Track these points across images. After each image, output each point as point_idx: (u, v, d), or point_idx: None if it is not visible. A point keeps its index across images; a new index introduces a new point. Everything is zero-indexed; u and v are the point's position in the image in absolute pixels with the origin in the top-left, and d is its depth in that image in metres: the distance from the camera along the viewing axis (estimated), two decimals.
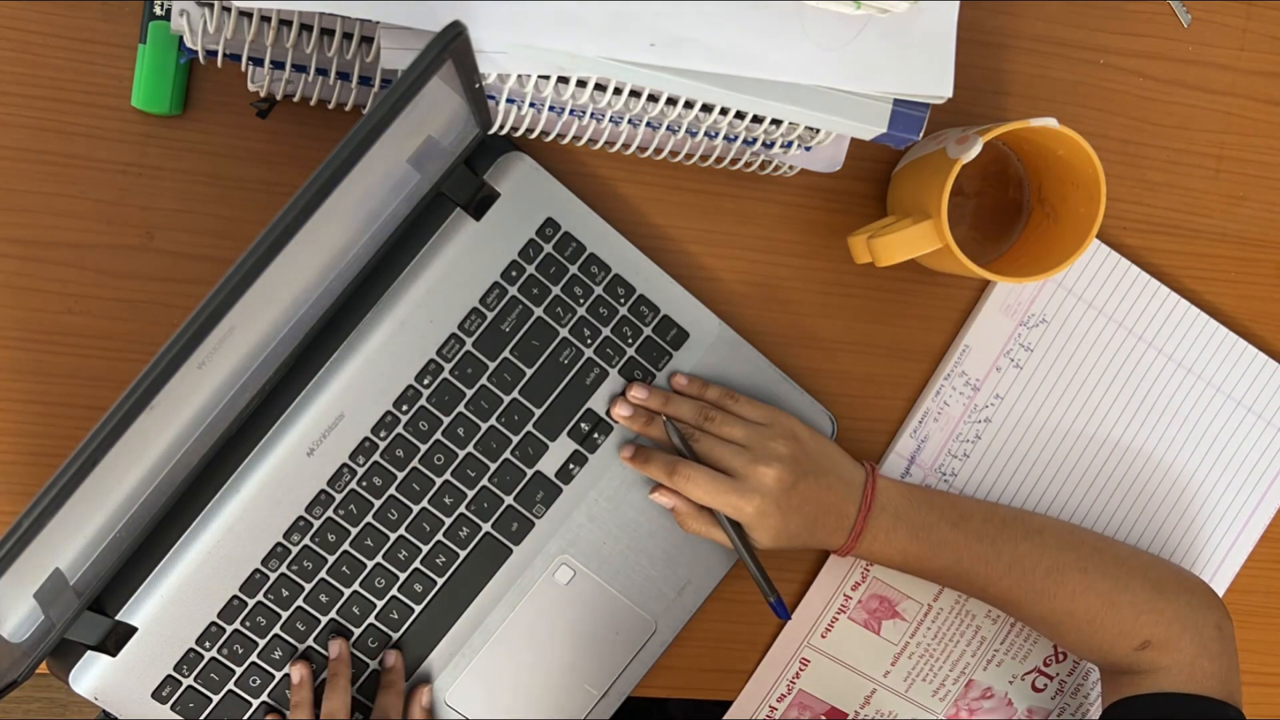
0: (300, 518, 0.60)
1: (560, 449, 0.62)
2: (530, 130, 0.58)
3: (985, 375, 0.68)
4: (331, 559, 0.60)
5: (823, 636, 0.69)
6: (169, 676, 0.59)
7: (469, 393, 0.61)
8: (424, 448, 0.61)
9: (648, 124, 0.58)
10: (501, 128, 0.57)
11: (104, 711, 0.59)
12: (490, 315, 0.61)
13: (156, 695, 0.59)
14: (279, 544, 0.60)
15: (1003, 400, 0.69)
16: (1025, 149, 0.64)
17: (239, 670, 0.60)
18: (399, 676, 0.61)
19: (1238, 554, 0.73)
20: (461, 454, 0.61)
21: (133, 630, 0.58)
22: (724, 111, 0.55)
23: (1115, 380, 0.70)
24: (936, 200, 0.58)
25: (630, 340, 0.62)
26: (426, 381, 0.60)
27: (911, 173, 0.64)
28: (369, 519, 0.61)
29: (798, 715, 0.69)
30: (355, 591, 0.61)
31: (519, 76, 0.52)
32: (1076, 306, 0.69)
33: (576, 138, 0.59)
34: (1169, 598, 0.62)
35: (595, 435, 0.62)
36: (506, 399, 0.61)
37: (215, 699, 0.60)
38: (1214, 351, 0.71)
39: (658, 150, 0.61)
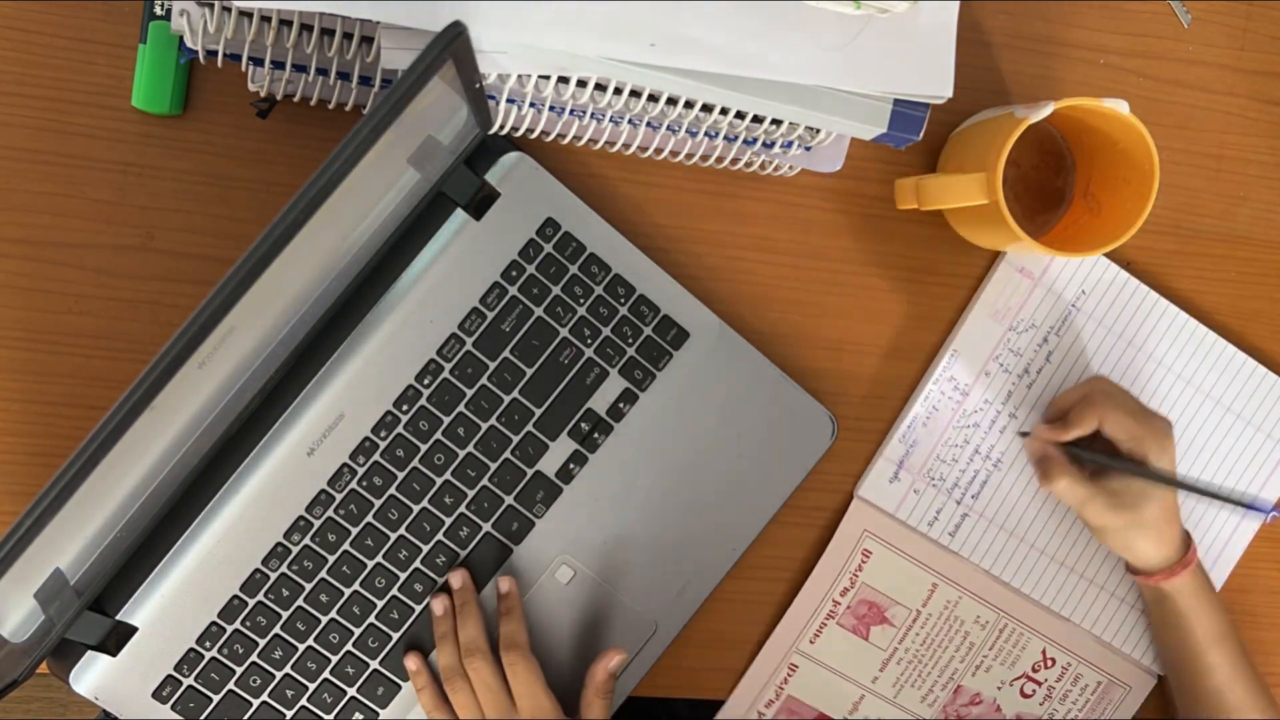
0: (300, 517, 0.60)
1: (560, 449, 0.62)
2: (530, 130, 0.58)
3: (974, 380, 0.68)
4: (332, 559, 0.60)
5: (811, 642, 0.69)
6: (169, 676, 0.59)
7: (469, 393, 0.61)
8: (424, 448, 0.61)
9: (648, 124, 0.58)
10: (501, 128, 0.57)
11: (104, 711, 0.59)
12: (490, 315, 0.61)
13: (157, 695, 0.59)
14: (279, 544, 0.60)
15: (991, 405, 0.69)
16: (1083, 139, 0.65)
17: (239, 670, 0.60)
18: (518, 601, 0.61)
19: (1230, 555, 0.73)
20: (462, 454, 0.61)
21: (133, 630, 0.58)
22: (724, 111, 0.55)
23: None
24: (995, 157, 0.59)
25: (630, 340, 0.62)
26: (427, 381, 0.60)
27: (972, 134, 0.65)
28: (369, 519, 0.61)
29: None
30: (355, 591, 0.61)
31: (519, 76, 0.52)
32: (1066, 312, 0.69)
33: (577, 138, 0.59)
34: None
35: (595, 435, 0.62)
36: (507, 399, 0.61)
37: (215, 699, 0.60)
38: (1203, 357, 0.71)
39: (658, 150, 0.61)
